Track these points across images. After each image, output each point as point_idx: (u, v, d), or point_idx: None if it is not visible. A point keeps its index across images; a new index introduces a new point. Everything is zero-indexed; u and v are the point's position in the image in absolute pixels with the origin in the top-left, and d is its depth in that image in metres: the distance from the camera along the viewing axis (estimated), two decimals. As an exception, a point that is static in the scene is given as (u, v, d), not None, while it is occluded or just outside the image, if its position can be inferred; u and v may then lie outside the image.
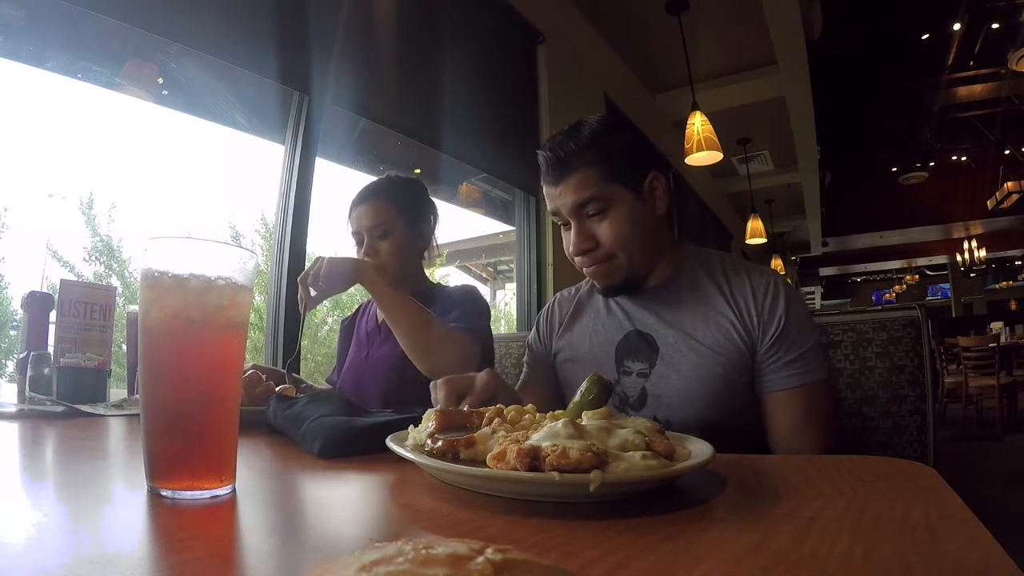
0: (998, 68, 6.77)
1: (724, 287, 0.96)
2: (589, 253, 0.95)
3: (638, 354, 0.98)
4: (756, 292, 0.93)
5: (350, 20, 2.13)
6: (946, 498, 0.45)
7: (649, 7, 3.50)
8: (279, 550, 0.36)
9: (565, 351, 1.09)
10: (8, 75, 1.73)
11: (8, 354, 2.66)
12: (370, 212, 1.32)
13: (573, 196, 0.92)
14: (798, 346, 0.90)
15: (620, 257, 0.94)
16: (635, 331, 1.00)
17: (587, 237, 0.94)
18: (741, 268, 0.98)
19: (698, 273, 0.99)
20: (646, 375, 0.96)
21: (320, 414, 0.71)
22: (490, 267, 6.99)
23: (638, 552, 0.34)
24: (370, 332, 1.39)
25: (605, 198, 0.92)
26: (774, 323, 0.90)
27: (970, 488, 2.85)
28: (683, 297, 0.98)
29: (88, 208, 2.78)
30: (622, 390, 0.98)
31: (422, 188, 1.42)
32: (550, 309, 1.16)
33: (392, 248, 1.31)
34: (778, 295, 0.92)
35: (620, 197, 0.93)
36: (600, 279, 0.98)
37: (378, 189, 1.35)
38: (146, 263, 0.48)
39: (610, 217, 0.93)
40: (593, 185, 0.91)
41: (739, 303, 0.93)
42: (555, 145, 0.94)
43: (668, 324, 0.97)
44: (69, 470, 0.58)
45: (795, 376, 0.89)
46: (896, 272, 14.99)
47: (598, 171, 0.92)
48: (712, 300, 0.95)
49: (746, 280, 0.95)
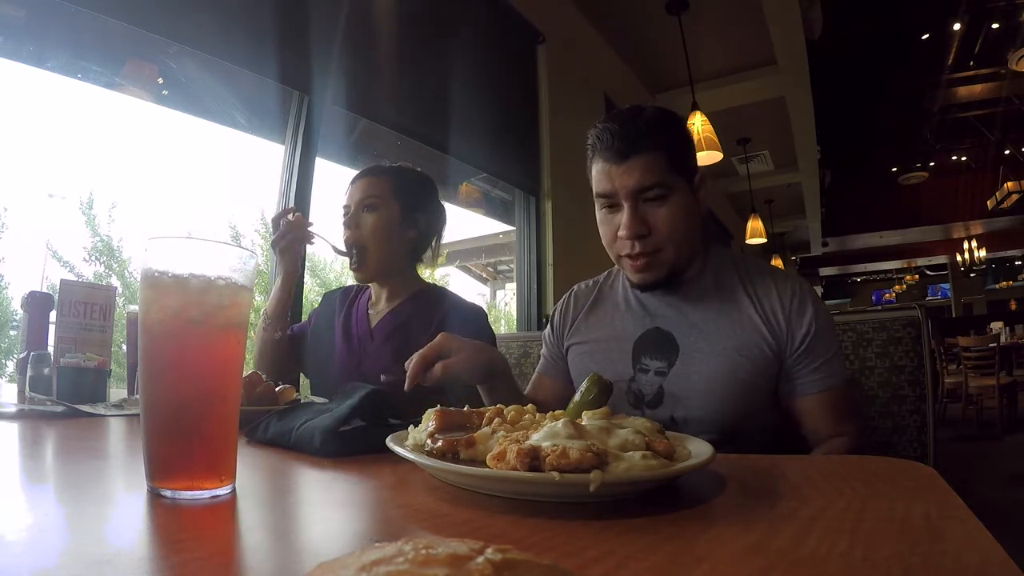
0: (998, 68, 6.78)
1: (750, 289, 0.95)
2: (641, 240, 0.91)
3: (657, 352, 0.97)
4: (783, 297, 0.93)
5: (350, 20, 2.13)
6: (946, 498, 0.45)
7: (649, 7, 3.50)
8: (279, 550, 0.36)
9: (579, 344, 1.07)
10: (8, 75, 1.73)
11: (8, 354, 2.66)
12: (363, 186, 1.28)
13: (639, 177, 0.89)
14: (827, 351, 0.91)
15: (668, 250, 0.92)
16: (655, 328, 0.98)
17: (642, 222, 0.91)
18: (767, 272, 0.98)
19: (723, 273, 0.98)
20: (664, 374, 0.95)
21: (305, 420, 0.70)
22: (490, 267, 6.98)
23: (638, 552, 0.34)
24: (361, 336, 1.31)
25: (668, 185, 0.90)
26: (803, 328, 0.90)
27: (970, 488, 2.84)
28: (708, 297, 0.97)
29: (88, 208, 2.77)
30: (638, 387, 0.96)
31: (428, 183, 1.37)
32: (565, 302, 1.14)
33: (376, 224, 1.25)
34: (805, 301, 0.92)
35: (679, 188, 0.92)
36: (644, 271, 0.94)
37: (379, 168, 1.32)
38: (146, 263, 0.47)
39: (669, 205, 0.91)
40: (660, 170, 0.89)
41: (765, 307, 0.93)
42: (625, 121, 0.90)
43: (691, 324, 0.95)
44: (69, 470, 0.58)
45: (826, 379, 0.91)
46: (896, 272, 15.00)
47: (666, 157, 0.90)
48: (738, 302, 0.95)
49: (772, 284, 0.95)
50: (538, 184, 3.22)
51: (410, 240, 1.32)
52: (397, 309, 1.31)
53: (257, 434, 0.74)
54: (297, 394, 1.02)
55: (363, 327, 1.32)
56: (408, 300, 1.31)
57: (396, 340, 1.26)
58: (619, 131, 0.89)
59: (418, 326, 1.25)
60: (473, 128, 2.75)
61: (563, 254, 3.19)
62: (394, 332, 1.28)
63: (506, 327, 4.99)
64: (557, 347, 1.12)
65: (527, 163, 3.18)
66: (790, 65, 4.11)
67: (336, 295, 1.43)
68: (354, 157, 2.57)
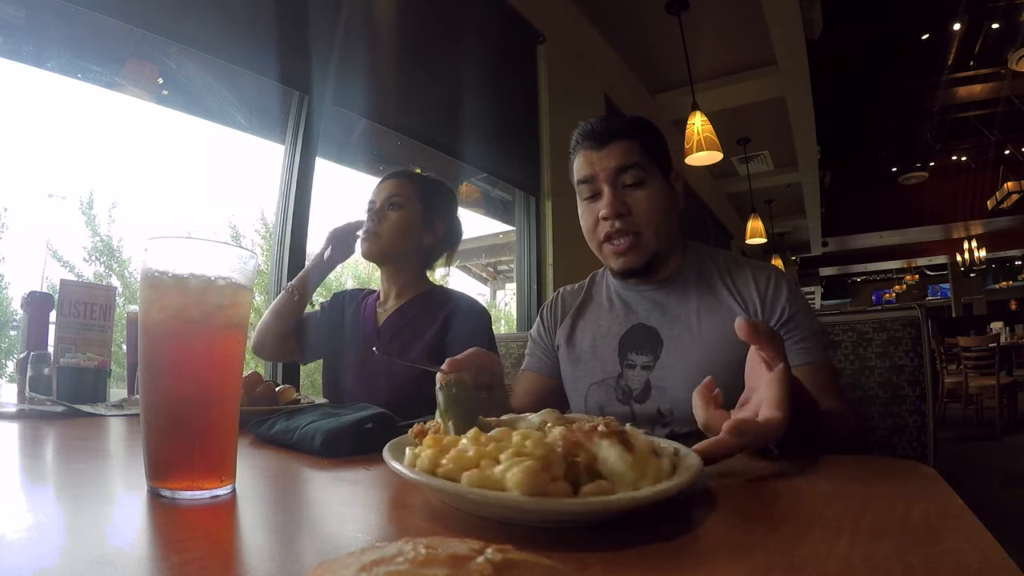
0: (998, 68, 6.78)
1: (728, 280, 0.99)
2: (621, 219, 0.96)
3: (642, 347, 0.99)
4: (759, 283, 0.97)
5: (350, 20, 2.13)
6: (946, 498, 0.45)
7: (649, 7, 3.50)
8: (279, 550, 0.36)
9: (567, 345, 1.09)
10: (8, 75, 1.72)
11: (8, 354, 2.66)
12: (392, 186, 1.35)
13: (618, 159, 0.96)
14: (803, 330, 0.93)
15: (647, 234, 0.97)
16: (640, 324, 1.01)
17: (622, 202, 0.96)
18: (744, 263, 1.02)
19: (702, 268, 1.02)
20: (650, 368, 0.97)
21: (309, 421, 0.71)
22: (490, 267, 6.99)
23: (638, 552, 0.34)
24: (368, 333, 1.33)
25: (645, 169, 0.96)
26: (778, 311, 0.94)
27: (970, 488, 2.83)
28: (689, 290, 1.00)
29: (88, 208, 2.77)
30: (625, 383, 0.99)
31: (452, 196, 1.45)
32: (554, 301, 1.18)
33: (399, 221, 1.31)
34: (780, 286, 0.96)
35: (655, 175, 0.98)
36: (624, 256, 0.98)
37: (409, 173, 1.40)
38: (146, 263, 0.47)
39: (646, 188, 0.96)
40: (636, 155, 0.96)
41: (743, 294, 0.97)
42: (603, 118, 0.99)
43: (674, 317, 0.99)
44: (69, 470, 0.58)
45: (803, 353, 0.91)
46: (896, 272, 15.00)
47: (640, 146, 0.97)
48: (717, 292, 0.98)
49: (748, 273, 0.99)
50: (538, 184, 3.22)
51: (426, 244, 1.37)
52: (404, 307, 1.33)
53: (261, 429, 0.75)
54: (297, 394, 1.02)
55: (370, 325, 1.35)
56: (415, 299, 1.34)
57: (402, 338, 1.29)
58: (598, 123, 0.98)
59: (423, 324, 1.29)
60: (473, 128, 2.75)
61: (563, 254, 3.19)
62: (400, 330, 1.30)
63: (506, 327, 4.99)
64: (548, 343, 1.15)
65: (527, 163, 3.17)
66: (790, 65, 4.11)
67: (345, 295, 1.46)
68: (354, 157, 2.57)
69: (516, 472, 0.37)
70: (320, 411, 0.76)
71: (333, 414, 0.73)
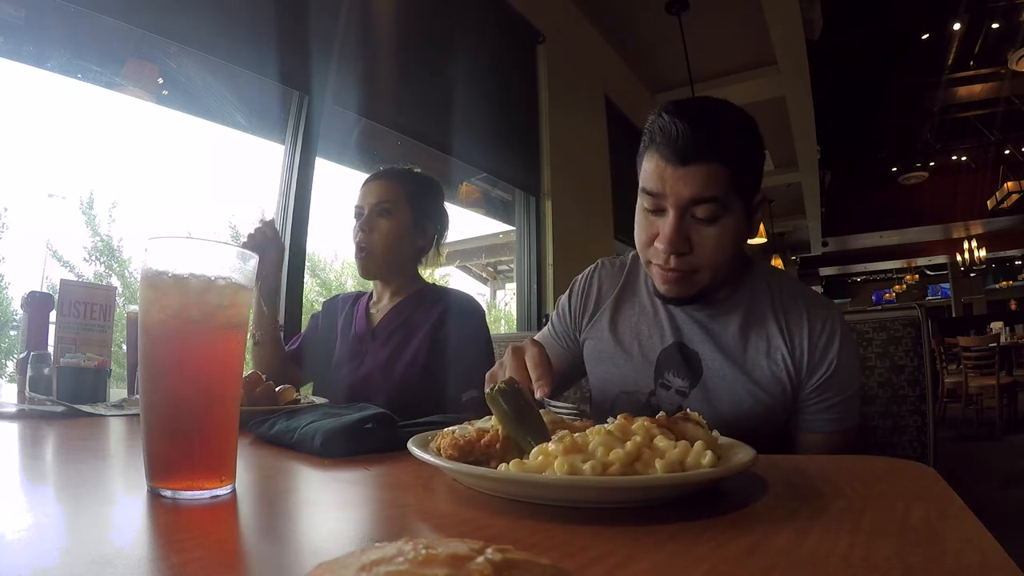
0: (998, 68, 6.78)
1: (780, 315, 0.89)
2: (679, 257, 0.82)
3: (680, 370, 0.91)
4: (813, 328, 0.87)
5: (350, 20, 2.13)
6: (946, 498, 0.45)
7: (649, 7, 3.50)
8: (279, 550, 0.36)
9: (598, 341, 0.99)
10: (8, 75, 1.73)
11: (8, 354, 2.66)
12: (378, 189, 1.31)
13: (694, 189, 0.78)
14: (842, 392, 0.87)
15: (704, 274, 0.84)
16: (681, 343, 0.92)
17: (685, 238, 0.81)
18: (800, 296, 0.91)
19: (756, 292, 0.92)
20: (684, 393, 0.90)
21: (309, 421, 0.71)
22: (490, 267, 6.98)
23: (638, 552, 0.34)
24: (361, 335, 1.32)
25: (724, 205, 0.80)
26: (824, 366, 0.86)
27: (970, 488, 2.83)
28: (737, 317, 0.90)
29: (88, 208, 2.77)
30: (657, 402, 0.92)
31: (439, 190, 1.41)
32: (588, 281, 1.04)
33: (389, 230, 1.28)
34: (834, 335, 0.87)
35: (735, 209, 0.82)
36: (672, 286, 0.86)
37: (394, 173, 1.35)
38: (146, 263, 0.47)
39: (719, 227, 0.81)
40: (720, 185, 0.79)
41: (793, 335, 0.88)
42: (695, 118, 0.78)
43: (719, 347, 0.90)
44: (69, 470, 0.58)
45: (833, 421, 0.87)
46: (896, 272, 15.00)
47: (730, 173, 0.79)
48: (766, 325, 0.89)
49: (804, 312, 0.89)
50: (538, 184, 3.22)
51: (418, 247, 1.36)
52: (399, 306, 1.33)
53: (261, 429, 0.75)
54: (297, 394, 1.02)
55: (362, 325, 1.34)
56: (409, 298, 1.34)
57: (397, 337, 1.28)
58: (686, 130, 0.77)
59: (418, 323, 1.28)
60: (473, 128, 2.75)
61: (563, 254, 3.19)
62: (396, 330, 1.30)
63: (506, 327, 4.99)
64: (568, 331, 1.05)
65: (527, 163, 3.17)
66: (790, 65, 4.11)
67: (338, 300, 1.46)
68: (354, 157, 2.57)
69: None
70: (320, 411, 0.77)
71: (333, 414, 0.73)
